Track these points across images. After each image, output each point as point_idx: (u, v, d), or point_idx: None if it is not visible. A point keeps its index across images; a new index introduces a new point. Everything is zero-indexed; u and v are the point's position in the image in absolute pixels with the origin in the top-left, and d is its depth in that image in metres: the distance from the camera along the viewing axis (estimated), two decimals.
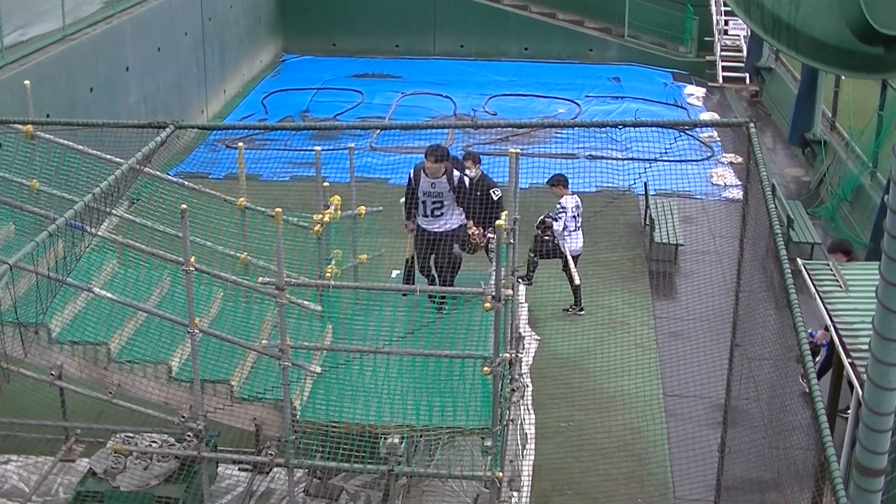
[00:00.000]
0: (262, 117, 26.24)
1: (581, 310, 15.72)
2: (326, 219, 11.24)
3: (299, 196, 14.53)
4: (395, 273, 13.99)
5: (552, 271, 15.27)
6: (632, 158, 20.66)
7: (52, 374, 10.23)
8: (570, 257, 15.51)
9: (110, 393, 10.24)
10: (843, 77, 20.97)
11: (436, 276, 12.94)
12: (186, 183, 11.63)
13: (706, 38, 31.04)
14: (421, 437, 10.19)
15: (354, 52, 31.88)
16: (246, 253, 11.50)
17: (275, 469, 11.02)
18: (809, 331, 12.59)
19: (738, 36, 30.98)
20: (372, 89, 28.23)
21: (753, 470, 10.86)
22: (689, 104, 27.72)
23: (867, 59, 4.91)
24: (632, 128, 10.76)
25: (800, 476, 8.44)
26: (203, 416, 10.01)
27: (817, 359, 13.02)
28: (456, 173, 12.69)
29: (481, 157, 14.84)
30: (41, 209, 10.45)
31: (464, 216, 12.84)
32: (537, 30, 31.66)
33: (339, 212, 11.47)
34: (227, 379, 10.29)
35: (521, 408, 12.57)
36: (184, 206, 9.54)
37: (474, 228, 12.95)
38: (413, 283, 12.66)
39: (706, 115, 26.33)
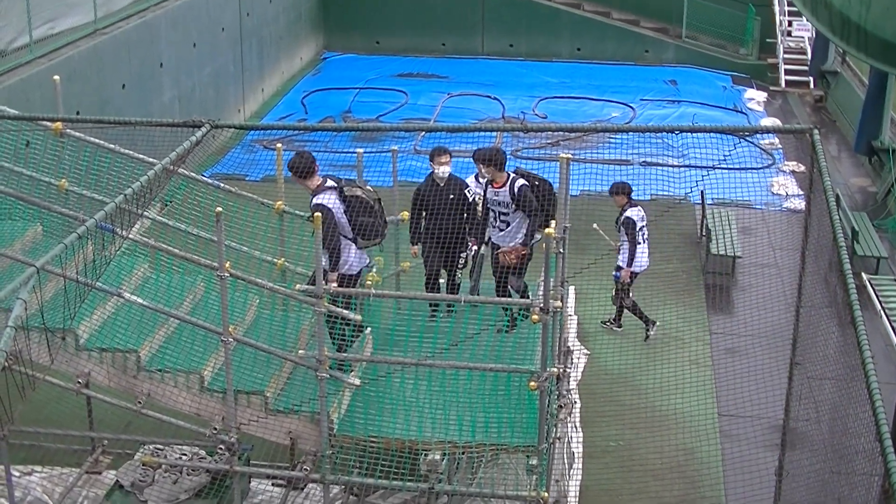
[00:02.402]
0: (301, 117, 26.15)
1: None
2: None
3: None
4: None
5: (603, 283, 14.95)
6: (688, 166, 20.61)
7: (80, 383, 10.16)
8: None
9: (139, 403, 10.17)
10: None
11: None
12: (222, 185, 11.64)
13: (768, 40, 30.61)
14: (463, 453, 10.17)
15: (399, 50, 31.73)
16: (283, 258, 11.47)
17: (310, 485, 10.96)
18: (614, 273, 14.84)
19: (803, 37, 30.62)
20: (417, 90, 28.10)
21: (813, 495, 10.55)
22: (750, 109, 27.45)
23: None
24: (689, 133, 10.68)
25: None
26: (236, 429, 9.91)
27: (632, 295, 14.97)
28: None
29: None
30: (70, 210, 10.48)
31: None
32: (591, 29, 31.44)
33: None
34: (261, 390, 10.17)
35: (569, 425, 12.46)
36: (219, 208, 9.49)
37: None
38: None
39: (767, 121, 26.34)
